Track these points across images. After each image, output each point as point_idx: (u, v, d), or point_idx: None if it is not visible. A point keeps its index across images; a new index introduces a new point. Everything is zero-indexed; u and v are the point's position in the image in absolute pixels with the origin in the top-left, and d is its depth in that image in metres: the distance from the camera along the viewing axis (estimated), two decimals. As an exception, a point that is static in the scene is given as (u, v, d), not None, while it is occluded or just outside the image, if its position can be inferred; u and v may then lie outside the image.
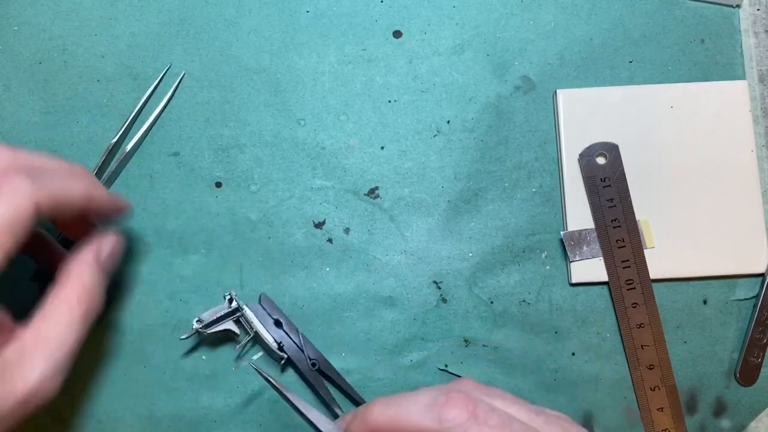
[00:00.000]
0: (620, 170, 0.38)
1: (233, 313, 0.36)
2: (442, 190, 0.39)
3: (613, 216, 0.37)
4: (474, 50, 0.40)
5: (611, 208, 0.37)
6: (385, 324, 0.38)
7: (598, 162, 0.38)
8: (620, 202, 0.37)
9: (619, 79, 0.39)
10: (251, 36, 0.39)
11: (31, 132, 0.38)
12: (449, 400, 0.25)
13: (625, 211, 0.37)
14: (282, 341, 0.36)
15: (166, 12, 0.39)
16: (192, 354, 0.37)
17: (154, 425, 0.37)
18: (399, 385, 0.37)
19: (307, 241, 0.38)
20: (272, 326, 0.36)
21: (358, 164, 0.39)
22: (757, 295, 0.38)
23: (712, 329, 0.38)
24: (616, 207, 0.37)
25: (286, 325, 0.36)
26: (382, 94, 0.39)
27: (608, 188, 0.37)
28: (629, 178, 0.38)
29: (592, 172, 0.38)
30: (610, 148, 0.38)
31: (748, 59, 0.40)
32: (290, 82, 0.39)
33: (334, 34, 0.40)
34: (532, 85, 0.39)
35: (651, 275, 0.37)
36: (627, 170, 0.38)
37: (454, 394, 0.26)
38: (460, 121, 0.39)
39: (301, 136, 0.39)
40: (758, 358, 0.37)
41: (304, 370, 0.36)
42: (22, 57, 0.39)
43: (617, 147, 0.38)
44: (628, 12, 0.40)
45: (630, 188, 0.38)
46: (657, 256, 0.37)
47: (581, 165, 0.38)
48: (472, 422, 0.25)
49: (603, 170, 0.38)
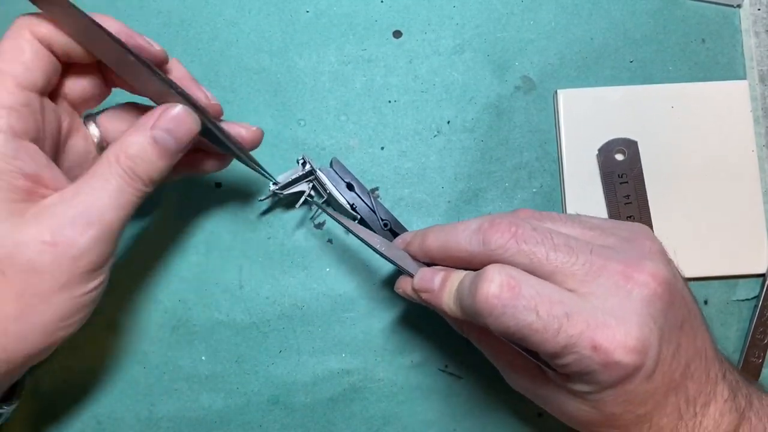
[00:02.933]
0: (638, 167, 0.37)
1: (307, 175, 0.36)
2: (443, 191, 0.39)
3: (629, 213, 0.37)
4: (474, 50, 0.40)
5: (627, 204, 0.37)
6: (385, 324, 0.37)
7: (616, 158, 0.38)
8: (637, 199, 0.37)
9: (619, 79, 0.39)
10: (251, 36, 0.39)
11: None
12: (492, 225, 0.26)
13: (641, 208, 0.37)
14: (354, 203, 0.36)
15: (166, 12, 0.39)
16: (192, 354, 0.37)
17: (153, 426, 0.37)
18: (399, 385, 0.37)
19: (307, 241, 0.38)
20: (344, 189, 0.37)
21: (358, 164, 0.39)
22: (758, 296, 0.38)
23: (713, 329, 0.38)
24: (632, 204, 0.37)
25: (358, 188, 0.37)
26: (382, 94, 0.39)
27: (625, 185, 0.37)
28: (630, 178, 0.38)
29: (610, 167, 0.37)
30: (630, 144, 0.38)
31: (748, 59, 0.40)
32: (290, 82, 0.39)
33: (334, 34, 0.40)
34: (532, 85, 0.39)
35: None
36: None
37: (498, 219, 0.27)
38: (461, 121, 0.39)
39: (301, 136, 0.39)
40: (759, 359, 0.37)
41: (376, 230, 0.36)
42: (22, 57, 0.39)
43: (636, 143, 0.37)
44: (629, 12, 0.40)
45: (630, 188, 0.38)
46: (658, 256, 0.37)
47: (599, 160, 0.38)
48: (513, 242, 0.26)
49: (621, 166, 0.38)
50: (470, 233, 0.27)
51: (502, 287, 0.24)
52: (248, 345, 0.37)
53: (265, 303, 0.38)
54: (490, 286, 0.24)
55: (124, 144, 0.28)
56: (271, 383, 0.37)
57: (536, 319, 0.24)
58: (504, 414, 0.37)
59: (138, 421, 0.37)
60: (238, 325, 0.37)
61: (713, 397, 0.27)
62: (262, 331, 0.37)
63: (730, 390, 0.27)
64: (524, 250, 0.25)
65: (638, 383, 0.24)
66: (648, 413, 0.26)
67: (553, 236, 0.26)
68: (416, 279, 0.30)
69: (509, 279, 0.24)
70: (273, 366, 0.37)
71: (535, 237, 0.26)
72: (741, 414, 0.27)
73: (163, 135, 0.28)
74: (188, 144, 0.29)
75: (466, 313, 0.27)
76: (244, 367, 0.37)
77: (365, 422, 0.37)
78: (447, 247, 0.28)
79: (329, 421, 0.37)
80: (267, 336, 0.37)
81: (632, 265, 0.25)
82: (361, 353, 0.37)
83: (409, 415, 0.37)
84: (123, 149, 0.27)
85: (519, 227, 0.26)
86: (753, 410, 0.27)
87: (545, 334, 0.24)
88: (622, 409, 0.25)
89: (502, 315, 0.24)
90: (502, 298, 0.24)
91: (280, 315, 0.37)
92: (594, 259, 0.25)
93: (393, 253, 0.31)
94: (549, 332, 0.24)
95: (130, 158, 0.27)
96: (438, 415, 0.37)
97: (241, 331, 0.37)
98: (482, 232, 0.26)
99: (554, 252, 0.25)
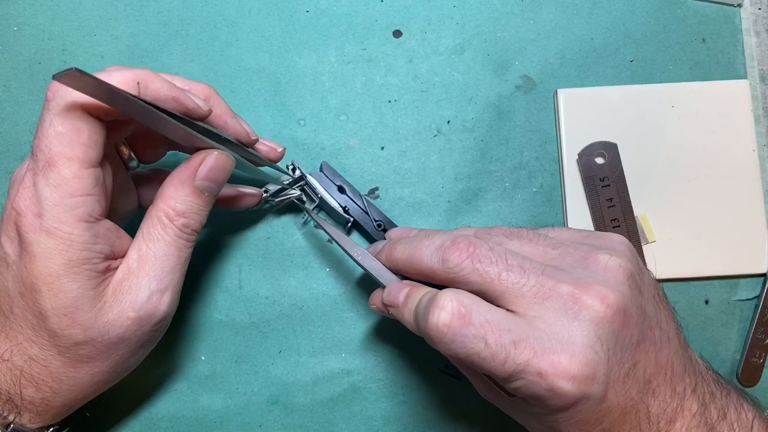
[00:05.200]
0: (619, 170, 0.37)
1: (297, 181, 0.36)
2: (443, 191, 0.39)
3: (612, 216, 0.37)
4: (474, 50, 0.39)
5: (610, 207, 0.37)
6: (385, 324, 0.37)
7: (596, 162, 0.38)
8: (619, 201, 0.37)
9: (620, 79, 0.39)
10: (251, 36, 0.39)
11: (31, 132, 0.38)
12: (454, 243, 0.27)
13: (624, 210, 0.37)
14: (347, 205, 0.36)
15: (166, 12, 0.39)
16: (191, 354, 0.37)
17: (153, 426, 0.37)
18: (399, 385, 0.37)
19: (307, 241, 0.38)
20: (336, 192, 0.36)
21: (358, 164, 0.39)
22: (759, 296, 0.38)
23: (714, 329, 0.38)
24: (615, 207, 0.37)
25: (350, 191, 0.37)
26: (382, 94, 0.39)
27: (607, 188, 0.37)
28: (630, 178, 0.38)
29: (590, 171, 0.38)
30: (609, 148, 0.38)
31: (749, 58, 0.40)
32: (290, 82, 0.39)
33: (334, 33, 0.39)
34: (532, 84, 0.39)
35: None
36: (628, 170, 0.38)
37: (460, 238, 0.27)
38: (461, 121, 0.39)
39: (301, 136, 0.39)
40: (760, 359, 0.37)
41: (370, 231, 0.36)
42: (21, 57, 0.39)
43: (616, 146, 0.38)
44: (629, 11, 0.40)
45: (631, 188, 0.38)
46: (658, 256, 0.37)
47: (580, 165, 0.38)
48: (468, 262, 0.26)
49: (602, 170, 0.38)
50: (432, 250, 0.28)
51: (453, 315, 0.25)
52: (248, 345, 0.37)
53: (265, 303, 0.37)
54: (441, 313, 0.25)
55: (171, 201, 0.29)
56: (271, 383, 0.37)
57: (484, 348, 0.24)
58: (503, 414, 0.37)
59: (137, 422, 0.37)
60: (238, 325, 0.37)
61: (680, 413, 0.26)
62: (262, 331, 0.37)
63: (699, 403, 0.27)
64: (478, 269, 0.26)
65: (589, 406, 0.24)
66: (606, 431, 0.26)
67: (508, 257, 0.26)
68: (385, 292, 0.30)
69: (460, 307, 0.25)
70: (273, 366, 0.37)
71: (489, 257, 0.26)
72: (711, 428, 0.26)
73: (207, 184, 0.29)
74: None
75: (421, 334, 0.27)
76: (243, 367, 0.37)
77: (365, 422, 0.37)
78: (411, 261, 0.29)
79: (329, 421, 0.37)
80: (267, 336, 0.37)
81: (581, 287, 0.25)
82: (361, 353, 0.37)
83: (409, 415, 0.37)
84: (172, 206, 0.29)
85: (476, 247, 0.27)
86: (726, 422, 0.27)
87: (493, 362, 0.24)
88: (578, 429, 0.25)
89: (451, 342, 0.25)
90: (452, 326, 0.25)
91: (280, 315, 0.37)
92: (544, 281, 0.25)
93: (369, 264, 0.31)
94: (497, 360, 0.24)
95: (182, 215, 0.29)
96: (438, 415, 0.37)
97: (241, 331, 0.37)
98: (443, 250, 0.27)
99: (506, 272, 0.26)
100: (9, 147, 0.38)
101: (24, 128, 0.38)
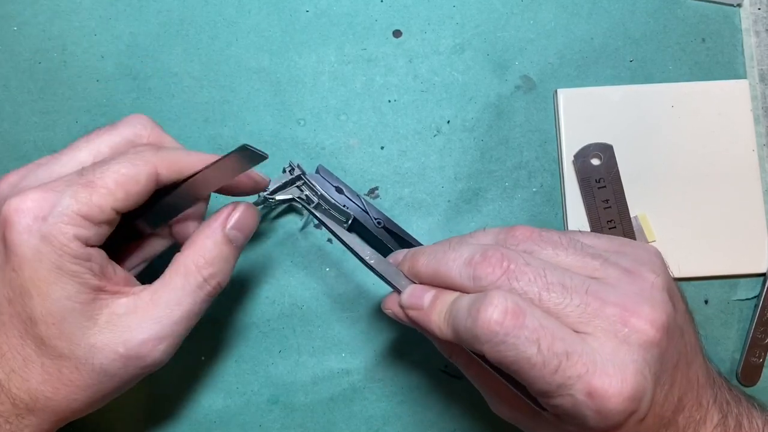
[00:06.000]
0: (615, 171, 0.37)
1: (296, 180, 0.35)
2: (443, 190, 0.39)
3: (608, 217, 0.37)
4: (474, 50, 0.40)
5: (607, 209, 0.37)
6: (385, 324, 0.37)
7: (592, 163, 0.38)
8: (615, 203, 0.37)
9: (619, 79, 0.39)
10: (251, 36, 0.39)
11: (31, 132, 0.38)
12: (484, 258, 0.25)
13: (621, 212, 0.37)
14: (346, 205, 0.36)
15: (166, 12, 0.39)
16: (191, 354, 0.37)
17: (153, 426, 0.37)
18: (399, 385, 0.37)
19: (307, 241, 0.38)
20: (334, 193, 0.36)
21: (358, 164, 0.39)
22: (759, 295, 0.38)
23: (714, 329, 0.38)
24: (612, 208, 0.37)
25: (347, 191, 0.36)
26: (382, 94, 0.39)
27: (603, 189, 0.37)
28: (630, 179, 0.38)
29: (586, 173, 0.38)
30: (605, 149, 0.38)
31: (749, 58, 0.40)
32: (290, 81, 0.39)
33: (334, 33, 0.40)
34: (532, 84, 0.39)
35: (652, 275, 0.37)
36: (627, 170, 0.38)
37: (491, 251, 0.25)
38: (460, 120, 0.39)
39: (301, 136, 0.39)
40: (760, 359, 0.37)
41: (371, 229, 0.36)
42: (21, 57, 0.39)
43: (612, 147, 0.38)
44: (629, 11, 0.40)
45: (630, 188, 0.38)
46: (658, 255, 0.37)
47: (576, 166, 0.38)
48: (504, 279, 0.24)
49: (598, 171, 0.38)
50: (461, 265, 0.26)
51: (506, 314, 0.23)
52: (248, 345, 0.37)
53: (265, 303, 0.37)
54: (494, 311, 0.23)
55: (201, 249, 0.29)
56: (271, 383, 0.37)
57: (536, 353, 0.23)
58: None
59: (137, 422, 0.37)
60: (238, 325, 0.37)
61: (702, 424, 0.26)
62: (262, 331, 0.37)
63: (720, 414, 0.27)
64: (516, 288, 0.24)
65: (629, 427, 0.24)
66: None
67: (547, 273, 0.25)
68: (405, 294, 0.28)
69: (515, 306, 0.23)
70: (273, 366, 0.37)
71: (527, 274, 0.24)
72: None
73: (235, 233, 0.30)
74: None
75: (459, 337, 0.25)
76: (243, 367, 0.37)
77: (365, 422, 0.37)
78: (437, 276, 0.27)
79: (329, 421, 0.37)
80: (267, 336, 0.37)
81: (630, 309, 0.24)
82: (361, 353, 0.37)
83: (409, 415, 0.37)
84: (202, 254, 0.28)
85: (511, 261, 0.25)
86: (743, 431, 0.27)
87: (543, 371, 0.23)
88: None
89: (501, 343, 0.23)
90: (505, 325, 0.23)
91: (280, 315, 0.37)
92: (590, 300, 0.24)
93: (383, 267, 0.30)
94: (547, 369, 0.23)
95: (210, 263, 0.28)
96: (438, 415, 0.37)
97: (241, 331, 0.37)
98: (473, 265, 0.25)
99: (547, 292, 0.24)
100: (9, 147, 0.38)
101: (24, 128, 0.38)
